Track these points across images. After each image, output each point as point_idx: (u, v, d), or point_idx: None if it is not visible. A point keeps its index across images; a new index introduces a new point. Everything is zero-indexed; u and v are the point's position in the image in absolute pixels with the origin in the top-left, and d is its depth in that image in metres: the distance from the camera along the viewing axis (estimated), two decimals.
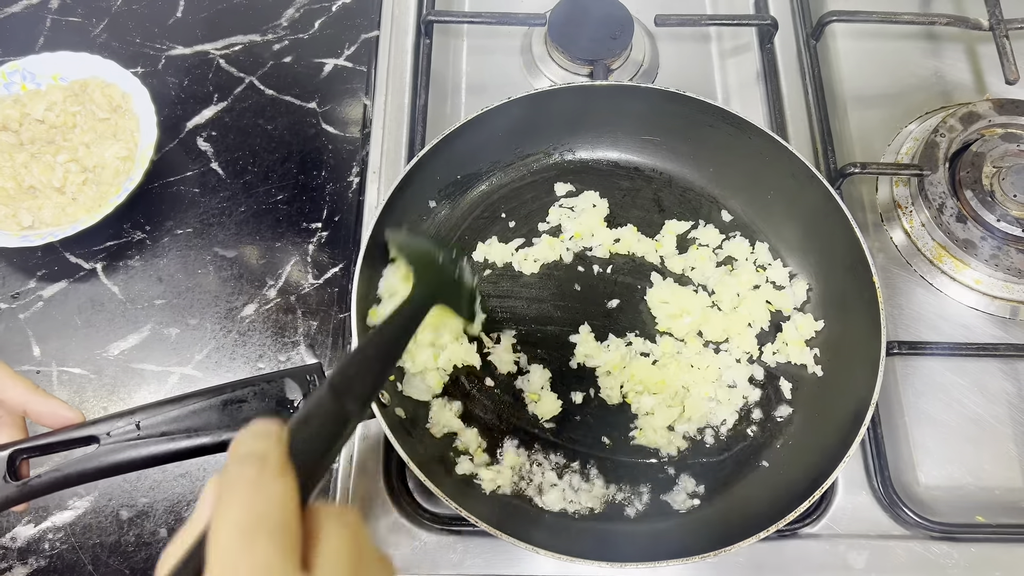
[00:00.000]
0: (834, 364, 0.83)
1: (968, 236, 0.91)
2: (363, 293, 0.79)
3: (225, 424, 0.66)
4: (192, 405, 0.65)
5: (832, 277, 0.85)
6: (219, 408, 0.66)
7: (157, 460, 0.64)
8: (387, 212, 0.81)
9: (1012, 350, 0.87)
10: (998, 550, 0.79)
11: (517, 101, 0.86)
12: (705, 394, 0.83)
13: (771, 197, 0.90)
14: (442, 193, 0.92)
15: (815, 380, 0.84)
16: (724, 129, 0.88)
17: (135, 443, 0.63)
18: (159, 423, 0.64)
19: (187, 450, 0.64)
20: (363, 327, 0.78)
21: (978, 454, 0.85)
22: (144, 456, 0.63)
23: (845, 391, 0.78)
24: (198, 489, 0.86)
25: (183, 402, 0.65)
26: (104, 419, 0.63)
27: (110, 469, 0.63)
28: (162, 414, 0.64)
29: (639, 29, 1.05)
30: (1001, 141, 0.95)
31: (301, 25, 1.15)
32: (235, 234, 1.01)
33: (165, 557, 0.39)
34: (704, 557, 0.66)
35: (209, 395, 0.66)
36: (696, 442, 0.83)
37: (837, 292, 0.84)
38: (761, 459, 0.81)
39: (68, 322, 0.95)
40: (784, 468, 0.79)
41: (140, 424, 0.63)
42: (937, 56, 1.08)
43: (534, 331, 0.88)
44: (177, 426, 0.64)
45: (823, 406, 0.81)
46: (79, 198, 0.96)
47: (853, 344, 0.79)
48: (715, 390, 0.83)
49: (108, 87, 1.01)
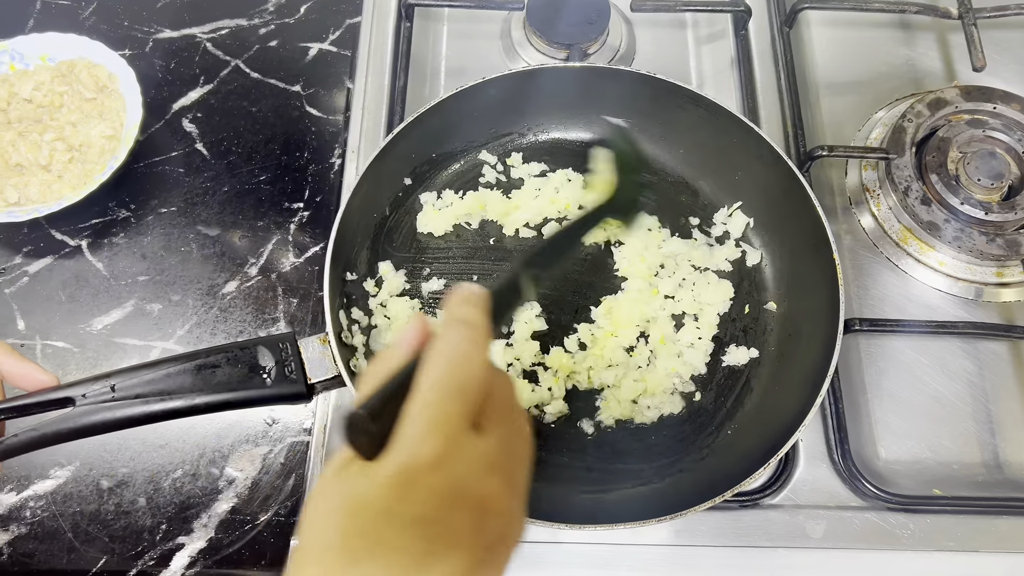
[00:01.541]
0: (795, 340, 0.85)
1: (932, 219, 0.93)
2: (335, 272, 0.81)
3: (198, 388, 0.68)
4: (166, 369, 0.67)
5: (797, 256, 0.87)
6: (193, 372, 0.68)
7: (132, 422, 0.66)
8: (361, 188, 0.83)
9: (970, 328, 0.89)
10: (951, 521, 0.81)
11: (492, 81, 0.88)
12: (672, 369, 0.85)
13: (739, 178, 0.92)
14: (417, 171, 0.94)
15: (774, 355, 0.86)
16: (694, 111, 0.90)
17: (110, 405, 0.65)
18: (134, 386, 0.66)
19: (161, 412, 0.66)
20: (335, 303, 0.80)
21: (938, 430, 0.88)
22: (119, 418, 0.65)
23: (805, 366, 0.80)
24: (177, 460, 0.88)
25: (158, 367, 0.67)
26: (80, 382, 0.65)
27: (86, 430, 0.65)
28: (137, 377, 0.66)
29: (616, 15, 1.07)
30: (967, 127, 0.97)
31: (287, 10, 1.17)
32: (218, 213, 1.03)
33: (368, 374, 0.46)
34: (661, 520, 0.68)
35: (183, 360, 0.68)
36: (659, 413, 0.85)
37: (801, 271, 0.86)
38: (723, 429, 0.83)
39: (53, 297, 0.97)
40: (743, 439, 0.81)
41: (115, 387, 0.65)
42: (909, 44, 1.10)
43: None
44: (151, 388, 0.66)
45: (783, 379, 0.83)
46: (65, 176, 0.98)
47: (815, 321, 0.81)
48: (678, 364, 0.86)
49: (95, 68, 1.03)
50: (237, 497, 0.87)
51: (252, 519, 0.86)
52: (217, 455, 0.89)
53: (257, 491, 0.87)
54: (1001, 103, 0.98)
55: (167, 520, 0.86)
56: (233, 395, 0.68)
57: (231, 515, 0.86)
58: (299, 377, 0.71)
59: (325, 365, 0.72)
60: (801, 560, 0.79)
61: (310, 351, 0.73)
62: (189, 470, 0.88)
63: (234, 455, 0.89)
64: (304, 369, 0.72)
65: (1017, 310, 0.94)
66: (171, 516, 0.86)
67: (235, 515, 0.86)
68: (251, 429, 0.90)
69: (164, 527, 0.85)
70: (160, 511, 0.86)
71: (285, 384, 0.70)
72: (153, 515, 0.86)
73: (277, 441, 0.90)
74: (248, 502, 0.87)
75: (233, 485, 0.88)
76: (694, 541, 0.80)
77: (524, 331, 0.87)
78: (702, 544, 0.80)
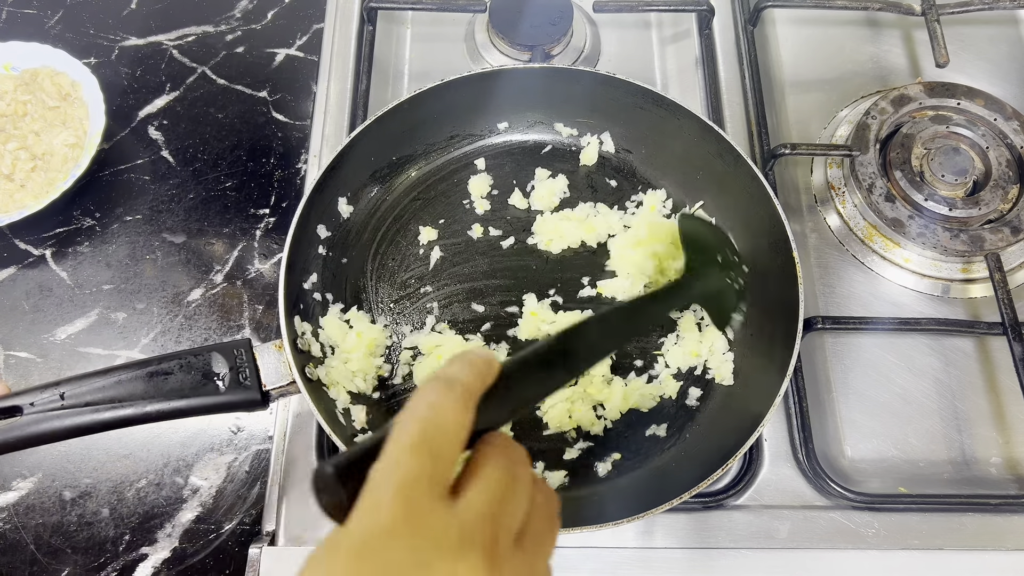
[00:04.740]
0: (755, 340, 0.85)
1: (897, 215, 0.93)
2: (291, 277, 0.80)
3: (150, 395, 0.67)
4: (117, 376, 0.67)
5: (758, 255, 0.87)
6: (144, 379, 0.67)
7: (81, 430, 0.65)
8: (319, 190, 0.82)
9: (934, 324, 0.88)
10: (917, 519, 0.81)
11: (451, 83, 0.88)
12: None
13: (700, 178, 0.91)
14: (377, 174, 0.94)
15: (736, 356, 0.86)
16: (655, 111, 0.90)
17: (59, 413, 0.64)
18: (83, 393, 0.65)
19: (111, 421, 0.66)
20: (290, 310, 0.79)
21: (904, 428, 0.87)
22: (68, 427, 0.65)
23: (765, 366, 0.79)
24: (141, 469, 0.88)
25: (108, 374, 0.67)
26: (28, 390, 0.64)
27: (34, 439, 0.64)
28: (87, 385, 0.65)
29: (580, 16, 1.07)
30: (931, 123, 0.97)
31: (254, 16, 1.17)
32: (184, 220, 1.02)
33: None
34: (618, 524, 0.68)
35: (135, 367, 0.67)
36: (621, 416, 0.84)
37: (761, 270, 0.85)
38: (683, 431, 0.83)
39: (16, 307, 0.96)
40: (703, 441, 0.80)
41: (64, 395, 0.65)
42: (874, 42, 1.10)
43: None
44: (102, 396, 0.66)
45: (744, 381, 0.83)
46: (27, 185, 0.97)
47: (775, 321, 0.81)
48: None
49: (58, 76, 1.03)
50: (202, 506, 0.86)
51: (217, 528, 0.85)
52: (182, 464, 0.88)
53: (222, 499, 0.87)
54: (965, 99, 0.98)
55: (131, 531, 0.85)
56: (186, 402, 0.68)
57: (195, 524, 0.86)
58: (254, 384, 0.70)
59: (280, 372, 0.72)
60: (766, 561, 0.79)
61: (266, 358, 0.72)
62: (153, 479, 0.88)
63: (199, 464, 0.88)
64: (259, 376, 0.71)
65: (983, 306, 0.94)
66: (135, 526, 0.85)
67: (199, 524, 0.86)
68: (216, 437, 0.90)
69: (128, 538, 0.85)
70: (124, 522, 0.85)
71: (239, 391, 0.70)
72: (117, 526, 0.85)
73: (242, 449, 0.89)
74: (213, 511, 0.86)
75: (198, 494, 0.87)
76: (658, 543, 0.80)
77: None
78: (666, 546, 0.79)
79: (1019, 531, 0.81)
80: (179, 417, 0.68)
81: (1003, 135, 0.97)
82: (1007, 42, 1.11)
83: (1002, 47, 1.10)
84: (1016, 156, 0.96)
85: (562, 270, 0.92)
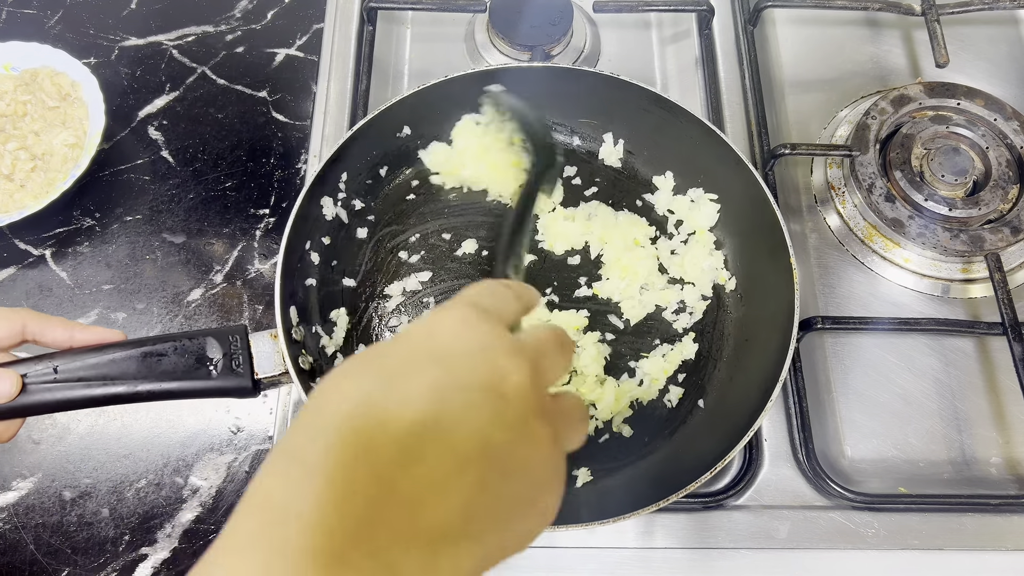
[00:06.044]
0: (752, 341, 0.85)
1: (897, 215, 0.93)
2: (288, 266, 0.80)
3: (142, 375, 0.66)
4: (111, 355, 0.66)
5: (757, 258, 0.87)
6: (138, 359, 0.67)
7: (72, 404, 0.65)
8: (318, 185, 0.82)
9: (934, 324, 0.88)
10: (917, 519, 0.81)
11: (454, 80, 0.88)
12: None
13: (701, 180, 0.91)
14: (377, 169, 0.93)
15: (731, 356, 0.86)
16: (657, 113, 0.90)
17: (51, 386, 0.64)
18: (77, 368, 0.65)
19: (102, 397, 0.65)
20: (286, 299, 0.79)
21: (904, 428, 0.87)
22: (59, 399, 0.64)
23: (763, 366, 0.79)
24: (141, 469, 0.88)
25: (103, 351, 0.66)
26: (22, 361, 0.65)
27: (24, 409, 0.64)
28: (80, 360, 0.65)
29: (580, 16, 1.07)
30: (931, 123, 0.97)
31: (254, 16, 1.17)
32: (184, 220, 1.02)
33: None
34: (604, 523, 0.68)
35: (129, 347, 0.67)
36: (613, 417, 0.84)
37: (760, 272, 0.85)
38: (676, 431, 0.83)
39: (15, 307, 0.96)
40: (699, 440, 0.80)
41: (58, 368, 0.65)
42: (874, 42, 1.10)
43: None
44: (95, 372, 0.65)
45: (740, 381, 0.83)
46: (27, 185, 0.97)
47: (773, 320, 0.81)
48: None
49: (58, 76, 1.03)
50: (201, 506, 0.86)
51: (217, 528, 0.85)
52: (181, 464, 0.88)
53: (222, 500, 0.87)
54: (965, 99, 0.98)
55: (130, 531, 0.85)
56: (177, 384, 0.67)
57: (195, 524, 0.86)
58: (246, 371, 0.70)
59: (274, 361, 0.72)
60: (766, 561, 0.79)
61: (261, 346, 0.71)
62: (153, 480, 0.88)
63: (198, 464, 0.88)
64: (252, 364, 0.71)
65: (983, 306, 0.94)
66: (135, 527, 0.85)
67: (199, 524, 0.86)
68: (216, 437, 0.90)
69: (127, 538, 0.85)
70: (124, 522, 0.85)
71: (231, 377, 0.69)
72: (116, 526, 0.85)
73: (242, 449, 0.89)
74: (212, 511, 0.86)
75: (197, 494, 0.87)
76: (658, 543, 0.80)
77: None
78: (666, 546, 0.79)
79: (1019, 531, 0.81)
80: (169, 399, 0.67)
81: (1003, 135, 0.97)
82: (1007, 42, 1.11)
83: (1002, 47, 1.10)
84: (1016, 156, 0.96)
85: (561, 270, 0.92)
